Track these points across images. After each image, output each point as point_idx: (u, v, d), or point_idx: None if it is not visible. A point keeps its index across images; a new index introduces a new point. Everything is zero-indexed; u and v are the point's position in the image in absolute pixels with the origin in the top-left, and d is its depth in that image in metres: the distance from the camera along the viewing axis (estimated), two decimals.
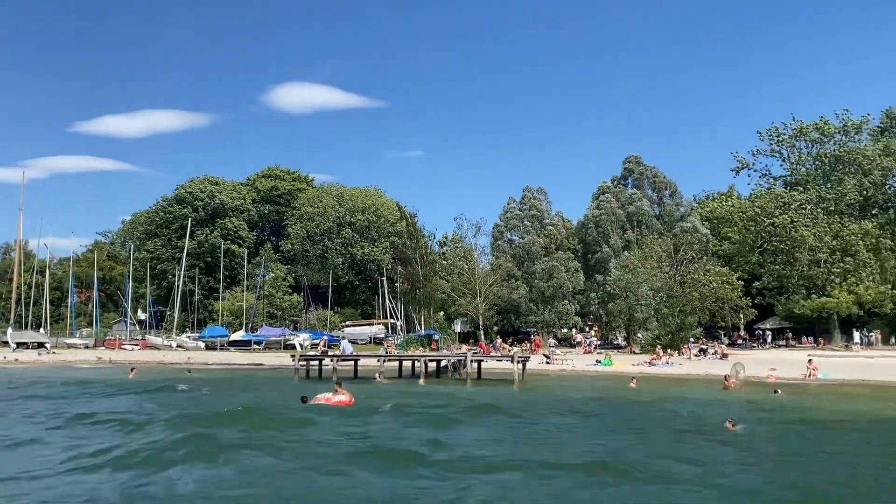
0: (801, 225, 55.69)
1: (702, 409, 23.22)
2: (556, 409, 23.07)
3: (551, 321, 65.99)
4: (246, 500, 10.81)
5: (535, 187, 72.54)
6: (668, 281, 53.34)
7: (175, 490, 11.27)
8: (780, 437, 17.91)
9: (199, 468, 12.62)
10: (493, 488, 11.45)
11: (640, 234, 65.10)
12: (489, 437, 17.43)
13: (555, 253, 65.35)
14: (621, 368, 41.88)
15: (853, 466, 13.90)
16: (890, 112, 58.13)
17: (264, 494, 11.07)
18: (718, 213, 67.16)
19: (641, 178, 70.44)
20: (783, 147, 61.87)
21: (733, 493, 11.40)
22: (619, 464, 13.23)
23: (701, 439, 16.95)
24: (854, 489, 11.99)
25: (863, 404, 25.88)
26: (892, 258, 55.54)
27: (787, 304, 57.84)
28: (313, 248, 79.00)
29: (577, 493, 11.33)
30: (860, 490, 11.98)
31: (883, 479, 12.68)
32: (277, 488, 11.40)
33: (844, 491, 11.87)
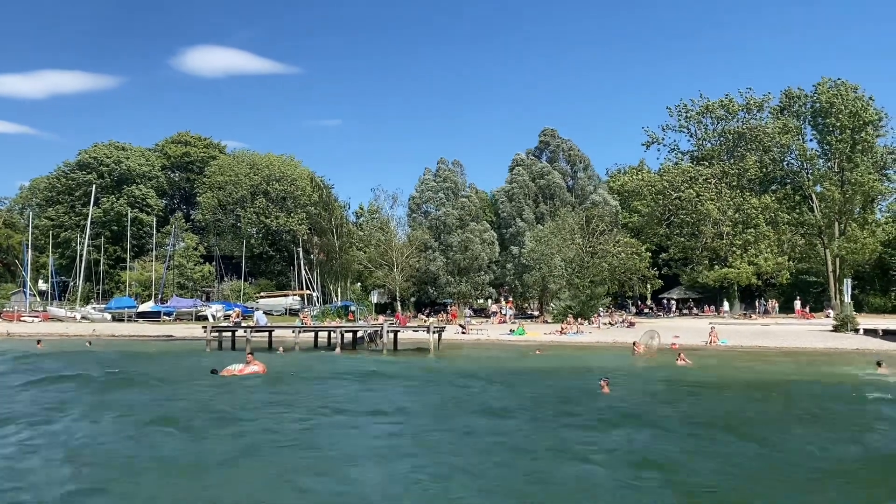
0: (706, 199, 58.09)
1: (587, 374, 24.32)
2: (448, 376, 24.34)
3: (467, 292, 66.79)
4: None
5: (451, 159, 72.81)
6: (579, 252, 54.76)
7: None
8: (641, 398, 19.22)
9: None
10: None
11: (554, 207, 66.45)
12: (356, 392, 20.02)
13: (469, 224, 65.93)
14: (533, 337, 42.92)
15: (694, 426, 15.09)
16: (789, 92, 60.89)
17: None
18: (629, 187, 69.19)
19: (557, 150, 71.78)
20: (691, 123, 64.08)
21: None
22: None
23: (570, 399, 18.79)
24: (672, 448, 12.84)
25: (746, 368, 27.67)
26: (788, 231, 58.76)
27: (691, 275, 60.53)
28: (226, 217, 76.98)
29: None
30: (676, 448, 12.90)
31: (714, 446, 13.21)
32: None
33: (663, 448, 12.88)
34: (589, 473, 11.03)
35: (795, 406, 18.36)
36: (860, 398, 19.31)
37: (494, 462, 11.75)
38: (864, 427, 15.13)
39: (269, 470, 11.25)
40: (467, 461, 11.73)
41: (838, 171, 57.13)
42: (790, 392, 21.10)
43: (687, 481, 10.71)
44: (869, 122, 56.37)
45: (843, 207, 57.27)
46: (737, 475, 11.01)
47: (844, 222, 58.33)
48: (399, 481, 10.71)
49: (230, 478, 10.85)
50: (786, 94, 61.09)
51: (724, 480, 10.77)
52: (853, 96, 56.73)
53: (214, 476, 10.94)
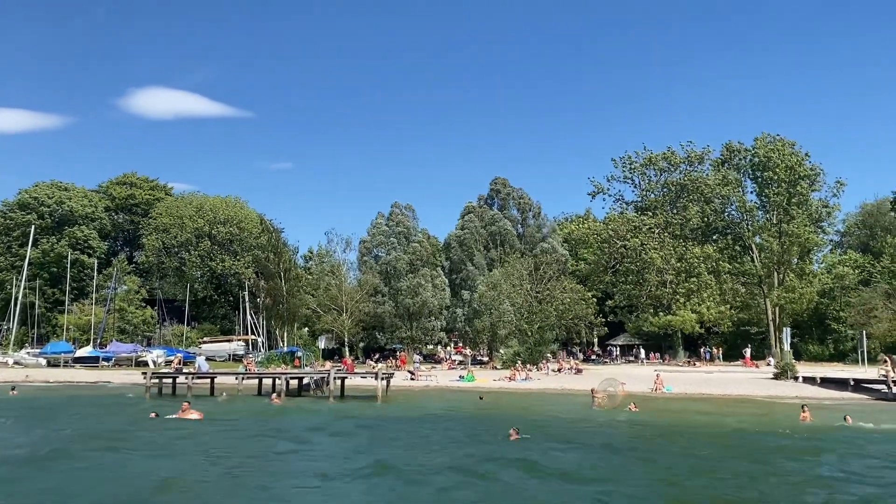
0: (650, 248, 59.44)
1: (520, 420, 24.31)
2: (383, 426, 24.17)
3: (417, 337, 66.40)
4: None
5: (404, 203, 73.10)
6: (528, 298, 55.15)
7: None
8: (552, 448, 19.30)
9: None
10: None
11: (504, 253, 67.05)
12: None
13: (420, 269, 65.93)
14: (482, 384, 42.71)
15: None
16: (729, 145, 63.20)
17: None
18: (576, 235, 70.43)
19: (507, 198, 72.76)
20: (635, 174, 65.91)
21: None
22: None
23: (480, 445, 19.47)
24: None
25: (682, 415, 28.03)
26: (730, 280, 60.34)
27: (636, 322, 61.47)
28: (170, 260, 75.30)
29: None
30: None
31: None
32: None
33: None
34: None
35: (718, 451, 19.13)
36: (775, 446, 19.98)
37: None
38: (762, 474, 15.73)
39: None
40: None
41: (776, 223, 59.15)
42: (721, 439, 21.64)
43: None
44: (804, 176, 58.73)
45: (781, 258, 59.15)
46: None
47: (783, 272, 60.20)
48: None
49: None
50: (726, 148, 63.37)
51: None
52: (790, 151, 59.14)
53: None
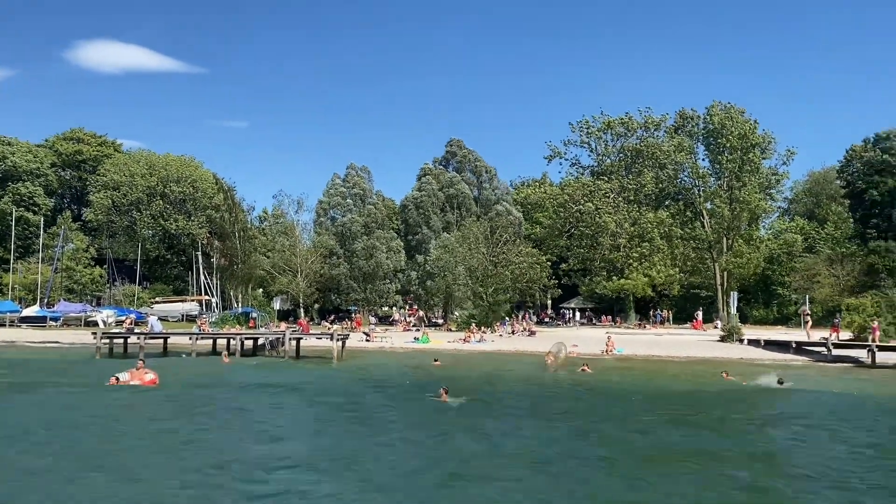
0: (605, 212, 60.21)
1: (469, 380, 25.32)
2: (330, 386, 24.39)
3: (372, 299, 66.44)
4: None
5: (360, 165, 72.47)
6: (483, 262, 55.52)
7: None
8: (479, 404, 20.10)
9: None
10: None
11: (460, 216, 67.18)
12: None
13: (375, 232, 65.69)
14: (437, 345, 43.10)
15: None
16: (683, 113, 63.87)
17: None
18: (532, 199, 70.83)
19: (464, 161, 72.60)
20: (592, 139, 66.30)
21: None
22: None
23: (413, 404, 20.19)
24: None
25: (636, 374, 29.00)
26: (681, 245, 61.62)
27: (589, 285, 62.52)
28: (120, 218, 73.45)
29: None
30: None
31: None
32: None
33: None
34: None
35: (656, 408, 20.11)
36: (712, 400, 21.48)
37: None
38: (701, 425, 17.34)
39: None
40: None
41: (727, 190, 60.28)
42: (661, 397, 22.61)
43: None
44: (756, 144, 59.78)
45: (731, 224, 60.45)
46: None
47: (732, 238, 61.63)
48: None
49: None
50: (680, 115, 64.03)
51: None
52: (742, 119, 60.06)
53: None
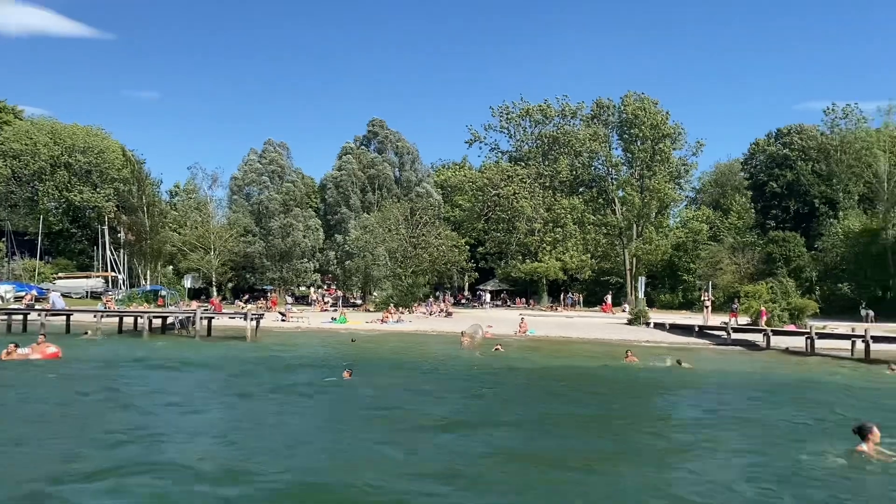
0: (522, 197, 61.36)
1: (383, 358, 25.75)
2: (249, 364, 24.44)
3: (289, 279, 65.58)
4: None
5: (278, 141, 71.04)
6: (402, 243, 55.65)
7: None
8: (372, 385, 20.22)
9: None
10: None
11: (381, 197, 66.99)
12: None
13: (293, 210, 64.73)
14: (355, 325, 43.05)
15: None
16: (599, 102, 65.71)
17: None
18: (452, 182, 71.38)
19: (385, 141, 72.21)
20: (511, 124, 67.33)
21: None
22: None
23: (313, 380, 20.20)
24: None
25: (535, 355, 29.82)
26: (593, 231, 63.52)
27: (505, 268, 63.74)
28: (20, 189, 69.55)
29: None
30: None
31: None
32: None
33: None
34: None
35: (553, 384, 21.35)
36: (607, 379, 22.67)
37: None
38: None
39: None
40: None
41: (639, 179, 62.50)
42: (568, 376, 23.56)
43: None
44: (667, 135, 62.17)
45: (641, 212, 62.76)
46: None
47: (642, 225, 64.00)
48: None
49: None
50: (597, 104, 65.81)
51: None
52: (654, 111, 62.26)
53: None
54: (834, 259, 59.54)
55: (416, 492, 9.32)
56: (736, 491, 9.60)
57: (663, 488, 9.52)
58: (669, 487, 9.66)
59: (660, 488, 9.53)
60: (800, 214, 66.18)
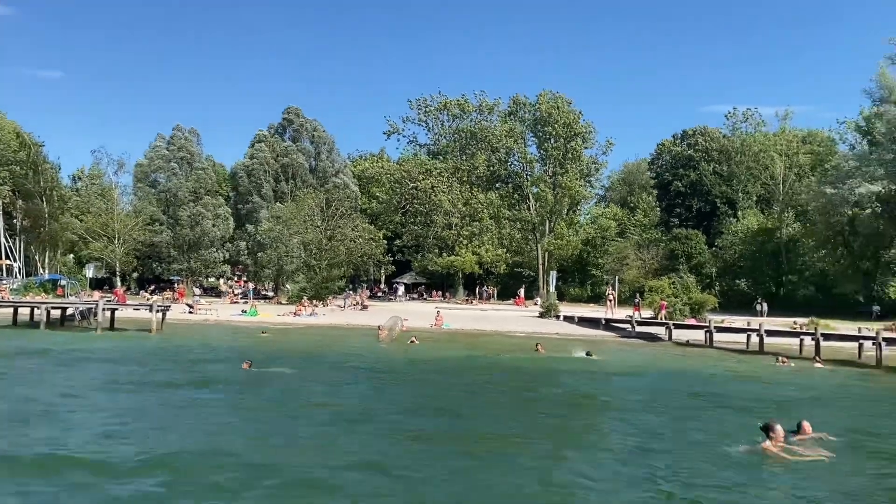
0: (440, 191, 61.70)
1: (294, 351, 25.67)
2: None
3: (197, 269, 63.76)
4: None
5: (188, 127, 68.81)
6: (317, 234, 55.02)
7: None
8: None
9: None
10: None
11: (295, 187, 65.95)
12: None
13: (203, 198, 62.91)
14: (266, 318, 42.35)
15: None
16: (516, 98, 66.64)
17: None
18: (369, 173, 70.99)
19: (301, 130, 71.00)
20: (429, 118, 67.51)
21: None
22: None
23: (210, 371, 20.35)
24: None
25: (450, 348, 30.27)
26: (508, 226, 64.60)
27: (422, 261, 64.02)
28: None
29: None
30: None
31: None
32: None
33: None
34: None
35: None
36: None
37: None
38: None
39: None
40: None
41: (552, 176, 63.88)
42: (480, 367, 24.16)
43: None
44: (579, 133, 63.72)
45: (553, 208, 64.20)
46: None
47: (554, 221, 65.52)
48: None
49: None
50: (514, 101, 66.76)
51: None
52: (567, 109, 63.70)
53: None
54: (732, 256, 62.70)
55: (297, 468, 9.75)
56: (626, 478, 10.04)
57: (554, 485, 9.71)
58: (560, 478, 9.97)
59: (550, 484, 9.72)
60: (702, 213, 69.27)
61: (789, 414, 13.90)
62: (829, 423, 12.96)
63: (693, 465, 10.73)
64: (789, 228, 60.86)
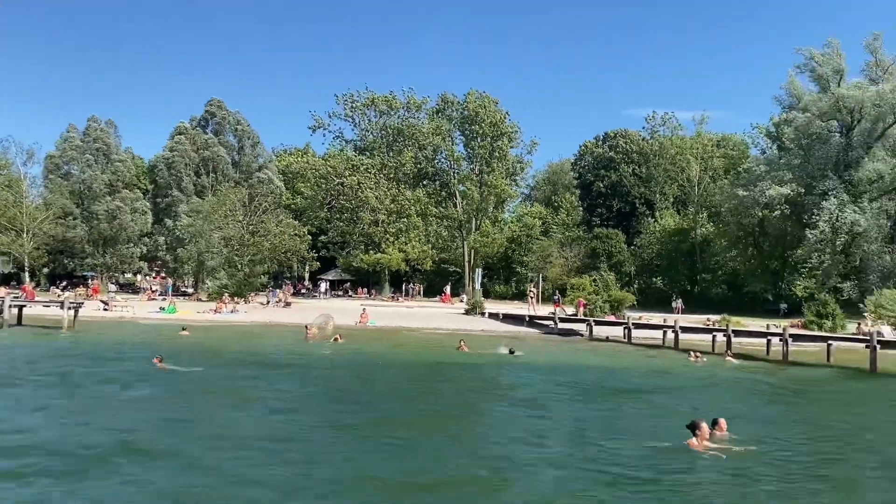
0: (367, 187, 61.38)
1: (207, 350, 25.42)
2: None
3: (113, 265, 61.48)
4: None
5: (105, 118, 66.19)
6: (240, 230, 53.90)
7: None
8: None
9: None
10: None
11: (216, 181, 64.38)
12: None
13: (121, 192, 60.68)
14: (185, 316, 41.17)
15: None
16: (444, 97, 66.99)
17: None
18: (294, 168, 70.02)
19: (224, 123, 69.25)
20: (356, 113, 67.10)
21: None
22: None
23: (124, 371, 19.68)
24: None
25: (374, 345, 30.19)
26: (435, 223, 64.87)
27: (347, 258, 63.57)
28: None
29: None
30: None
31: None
32: None
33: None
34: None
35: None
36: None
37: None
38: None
39: None
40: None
41: (478, 174, 64.52)
42: (402, 364, 24.26)
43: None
44: (505, 133, 64.57)
45: (480, 206, 64.88)
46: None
47: (480, 219, 66.21)
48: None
49: None
50: (442, 99, 67.07)
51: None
52: (494, 109, 64.45)
53: None
54: (650, 255, 64.84)
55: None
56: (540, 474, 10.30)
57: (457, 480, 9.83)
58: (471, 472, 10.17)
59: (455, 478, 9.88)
60: (622, 213, 71.30)
61: (704, 409, 14.50)
62: (740, 416, 13.60)
63: (614, 455, 11.12)
64: (703, 229, 63.35)
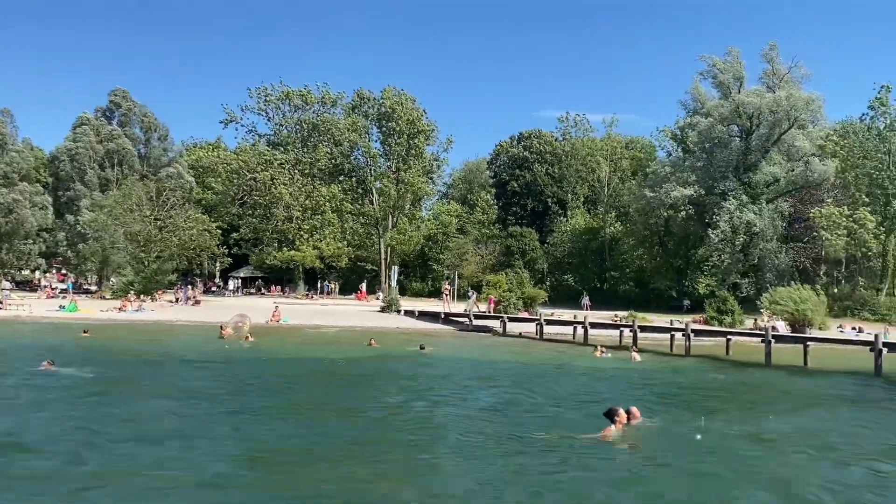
0: (280, 183, 60.34)
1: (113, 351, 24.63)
2: None
3: (8, 261, 58.23)
4: None
5: (1, 107, 62.46)
6: (147, 226, 52.07)
7: None
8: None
9: None
10: None
11: (122, 174, 61.90)
12: None
13: (17, 184, 57.52)
14: (88, 314, 39.51)
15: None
16: (360, 93, 66.54)
17: None
18: (204, 163, 68.09)
19: (129, 114, 66.54)
20: (269, 107, 65.86)
21: None
22: None
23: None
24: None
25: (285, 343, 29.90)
26: (350, 220, 64.43)
27: (260, 255, 62.36)
28: None
29: None
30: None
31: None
32: None
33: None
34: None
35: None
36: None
37: None
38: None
39: None
40: None
41: (395, 171, 64.49)
42: (309, 361, 24.16)
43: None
44: (422, 131, 64.79)
45: (396, 203, 64.88)
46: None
47: (397, 216, 66.21)
48: None
49: None
50: (358, 95, 66.64)
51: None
52: (411, 107, 64.55)
53: None
54: (562, 253, 66.50)
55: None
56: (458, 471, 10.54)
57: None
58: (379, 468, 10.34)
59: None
60: (535, 212, 72.81)
61: (611, 400, 15.09)
62: (645, 406, 14.22)
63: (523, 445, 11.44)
64: (612, 228, 65.46)
